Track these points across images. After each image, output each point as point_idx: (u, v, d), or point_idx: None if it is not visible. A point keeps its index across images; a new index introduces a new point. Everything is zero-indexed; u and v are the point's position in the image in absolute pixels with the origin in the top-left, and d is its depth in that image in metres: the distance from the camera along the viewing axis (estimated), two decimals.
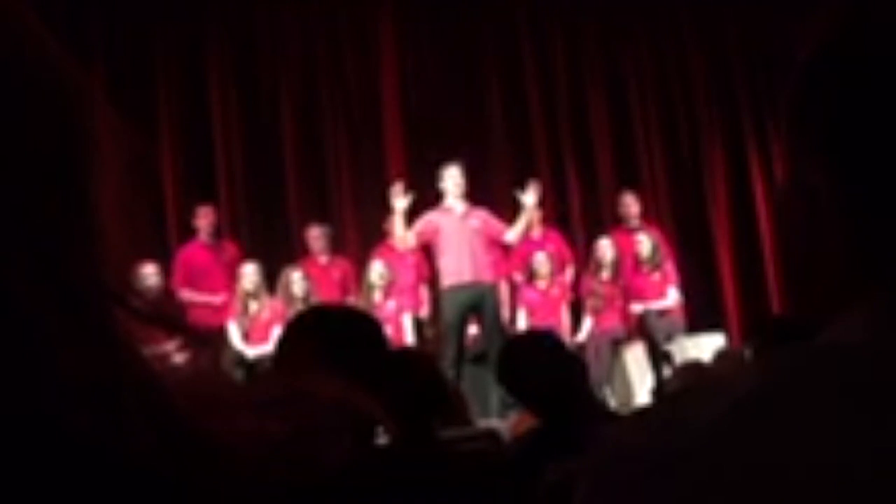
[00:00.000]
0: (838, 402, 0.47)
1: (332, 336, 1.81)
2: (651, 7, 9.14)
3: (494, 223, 6.85)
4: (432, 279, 7.28)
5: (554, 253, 7.77)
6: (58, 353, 0.39)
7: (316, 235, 7.56)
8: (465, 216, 6.73)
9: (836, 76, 0.54)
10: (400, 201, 6.61)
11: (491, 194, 8.14)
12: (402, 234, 6.67)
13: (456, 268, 6.60)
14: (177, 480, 0.41)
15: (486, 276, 6.70)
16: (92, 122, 0.44)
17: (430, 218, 6.74)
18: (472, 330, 7.00)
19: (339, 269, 7.60)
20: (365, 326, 1.89)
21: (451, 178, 6.74)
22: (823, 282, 0.57)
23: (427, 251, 7.22)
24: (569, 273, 7.81)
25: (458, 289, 6.56)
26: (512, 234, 6.86)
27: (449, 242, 6.63)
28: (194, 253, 7.27)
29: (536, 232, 7.92)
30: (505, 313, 7.48)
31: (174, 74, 8.29)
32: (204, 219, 7.35)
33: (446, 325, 6.68)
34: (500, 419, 6.06)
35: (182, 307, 7.01)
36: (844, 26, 0.54)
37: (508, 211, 8.50)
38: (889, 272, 0.52)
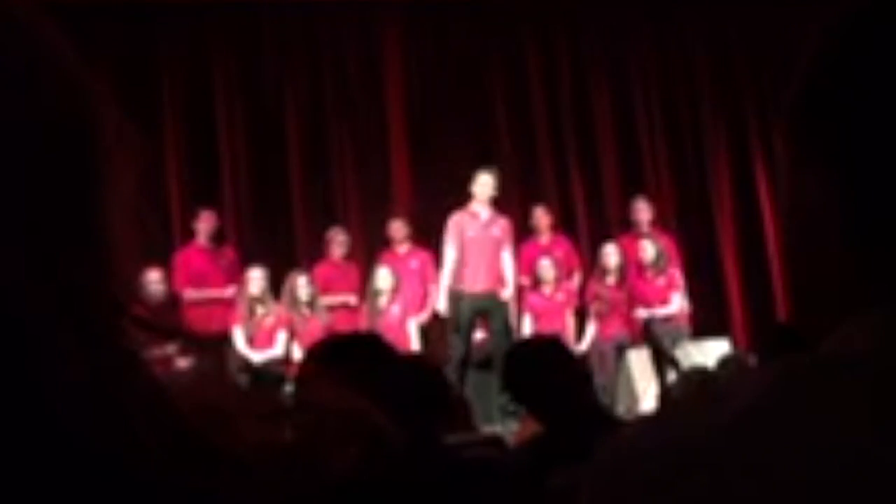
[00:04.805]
0: (840, 413, 0.47)
1: (340, 356, 1.88)
2: (656, 14, 9.13)
3: (507, 238, 6.91)
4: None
5: (561, 258, 7.77)
6: (63, 360, 0.40)
7: (341, 240, 7.61)
8: (489, 224, 6.79)
9: (837, 87, 0.53)
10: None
11: (496, 201, 8.14)
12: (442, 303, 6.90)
13: (472, 274, 6.65)
14: (181, 488, 0.41)
15: (499, 286, 6.77)
16: (104, 128, 0.45)
17: (456, 224, 6.81)
18: (477, 335, 7.01)
19: (353, 272, 7.62)
20: (370, 343, 1.98)
21: (480, 184, 6.81)
22: (825, 290, 0.57)
23: (434, 255, 7.27)
24: (575, 279, 7.80)
25: (471, 296, 6.61)
26: (508, 261, 6.89)
27: (469, 248, 6.69)
28: (192, 256, 7.25)
29: (545, 237, 7.92)
30: (511, 319, 7.49)
31: (179, 81, 8.31)
32: (204, 222, 7.34)
33: (455, 328, 6.70)
34: (503, 425, 6.06)
35: (186, 309, 7.00)
36: (845, 36, 0.54)
37: (513, 218, 8.51)
38: (890, 281, 0.52)
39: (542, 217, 7.98)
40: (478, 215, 6.81)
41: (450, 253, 6.83)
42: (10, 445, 0.38)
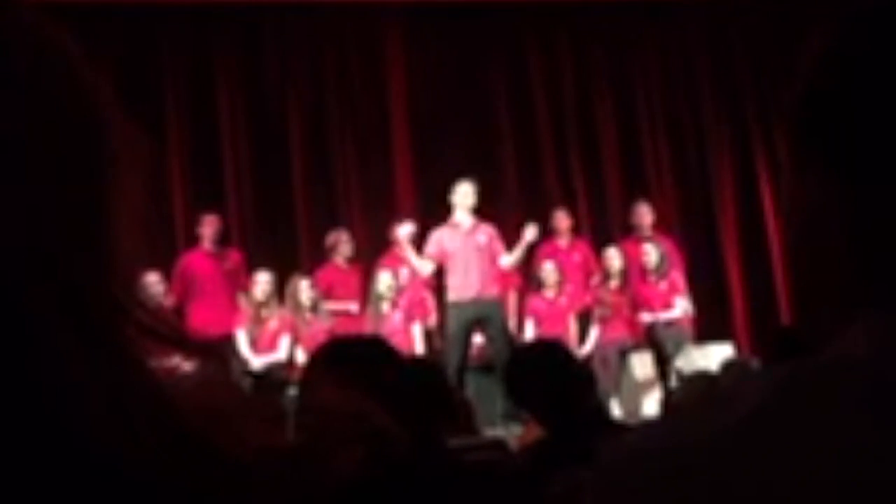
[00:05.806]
0: (842, 417, 0.47)
1: (344, 357, 1.89)
2: (658, 18, 9.14)
3: (497, 244, 6.86)
4: (438, 289, 7.30)
5: (580, 262, 7.79)
6: (63, 360, 0.40)
7: (345, 240, 7.61)
8: (472, 231, 6.75)
9: (837, 88, 0.54)
10: (404, 228, 6.79)
11: (498, 206, 8.15)
12: (419, 262, 6.78)
13: (460, 284, 6.61)
14: (181, 488, 0.41)
15: (491, 291, 6.70)
16: (110, 130, 0.45)
17: (436, 237, 6.78)
18: (478, 339, 7.00)
19: (357, 275, 7.62)
20: (374, 347, 1.99)
21: (460, 194, 6.79)
22: (826, 290, 0.57)
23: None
24: (595, 282, 7.80)
25: (461, 305, 6.57)
26: (506, 260, 6.87)
27: (454, 258, 6.65)
28: (195, 261, 7.24)
29: (564, 240, 7.94)
30: (513, 322, 7.47)
31: (181, 83, 8.32)
32: (208, 227, 7.33)
33: (449, 339, 6.69)
34: (505, 429, 6.06)
35: (181, 314, 6.98)
36: (845, 36, 0.54)
37: (516, 221, 8.52)
38: (891, 281, 0.52)
39: (562, 220, 8.02)
40: (459, 225, 6.78)
41: (424, 266, 6.83)
42: (11, 445, 0.38)
